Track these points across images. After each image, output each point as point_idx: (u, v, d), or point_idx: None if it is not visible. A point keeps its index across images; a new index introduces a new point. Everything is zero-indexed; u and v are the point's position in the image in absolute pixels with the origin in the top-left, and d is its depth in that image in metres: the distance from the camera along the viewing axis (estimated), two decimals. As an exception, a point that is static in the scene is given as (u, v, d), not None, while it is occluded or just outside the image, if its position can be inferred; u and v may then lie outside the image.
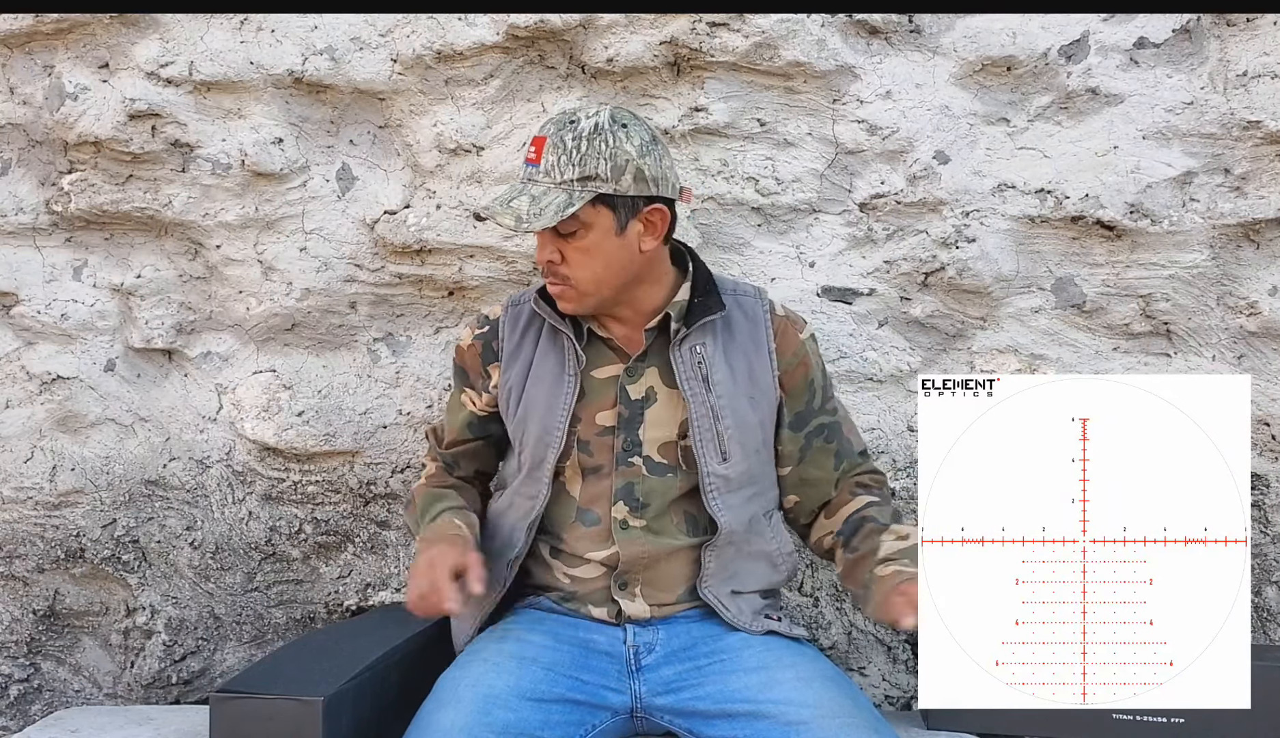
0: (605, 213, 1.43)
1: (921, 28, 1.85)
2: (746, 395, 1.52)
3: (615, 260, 1.46)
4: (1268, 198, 1.81)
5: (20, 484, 2.01)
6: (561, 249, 1.45)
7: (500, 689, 1.39)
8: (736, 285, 1.61)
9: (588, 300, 1.48)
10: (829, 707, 1.37)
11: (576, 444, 1.53)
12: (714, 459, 1.50)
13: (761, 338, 1.55)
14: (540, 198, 1.41)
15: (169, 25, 1.90)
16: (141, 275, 1.99)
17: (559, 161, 1.41)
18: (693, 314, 1.51)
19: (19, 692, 2.06)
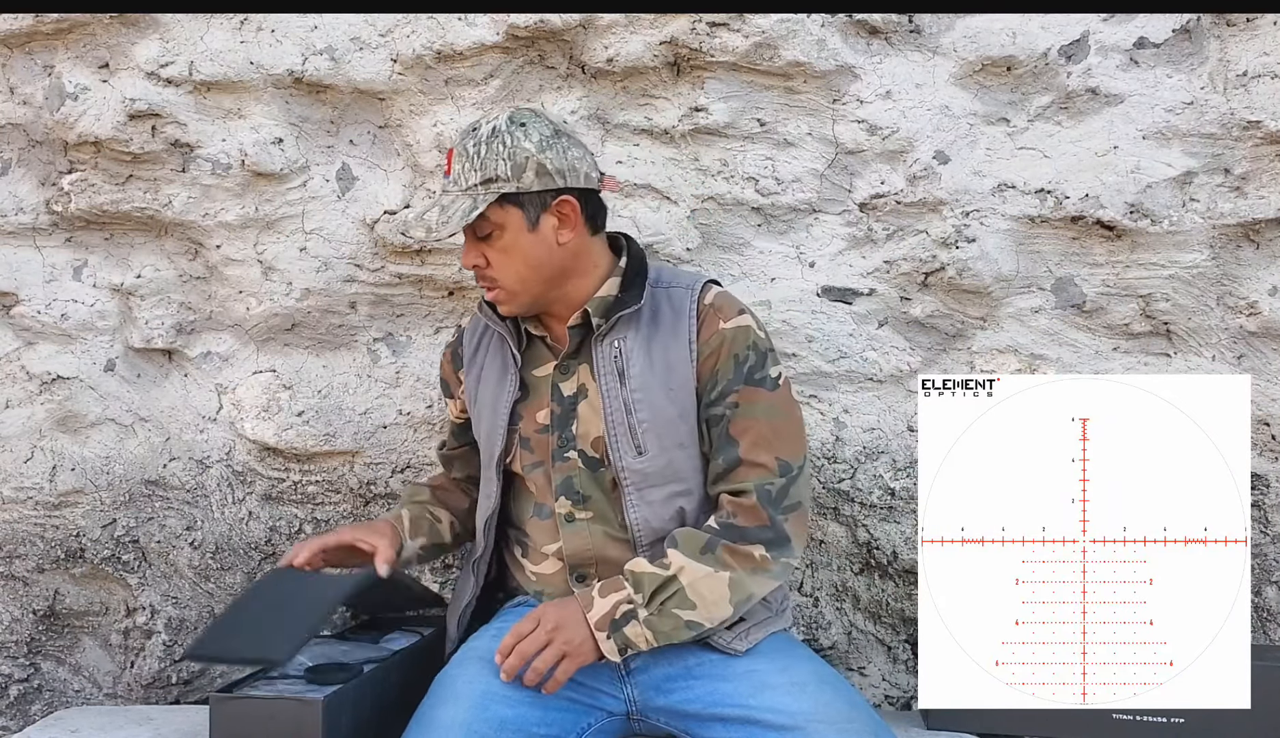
0: (514, 211, 1.46)
1: (921, 28, 1.85)
2: (664, 388, 1.49)
3: (534, 257, 1.48)
4: (1268, 198, 1.81)
5: (20, 484, 2.01)
6: (484, 253, 1.48)
7: (498, 686, 1.40)
8: (676, 277, 1.57)
9: (519, 299, 1.50)
10: (823, 713, 1.36)
11: (519, 441, 1.56)
12: (629, 454, 1.49)
13: (683, 329, 1.51)
14: (448, 206, 1.45)
15: (169, 25, 1.90)
16: (141, 275, 1.99)
17: (464, 169, 1.46)
18: (614, 308, 1.51)
19: (19, 692, 2.06)
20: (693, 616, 1.40)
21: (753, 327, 1.51)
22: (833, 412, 1.94)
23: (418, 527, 1.66)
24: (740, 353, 1.49)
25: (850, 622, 1.99)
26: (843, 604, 1.99)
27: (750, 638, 1.49)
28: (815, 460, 1.93)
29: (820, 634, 1.96)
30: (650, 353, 1.50)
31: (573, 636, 1.39)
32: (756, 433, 1.47)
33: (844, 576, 1.97)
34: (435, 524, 1.69)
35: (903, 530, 1.92)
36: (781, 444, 1.47)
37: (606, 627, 1.39)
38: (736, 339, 1.49)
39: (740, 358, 1.49)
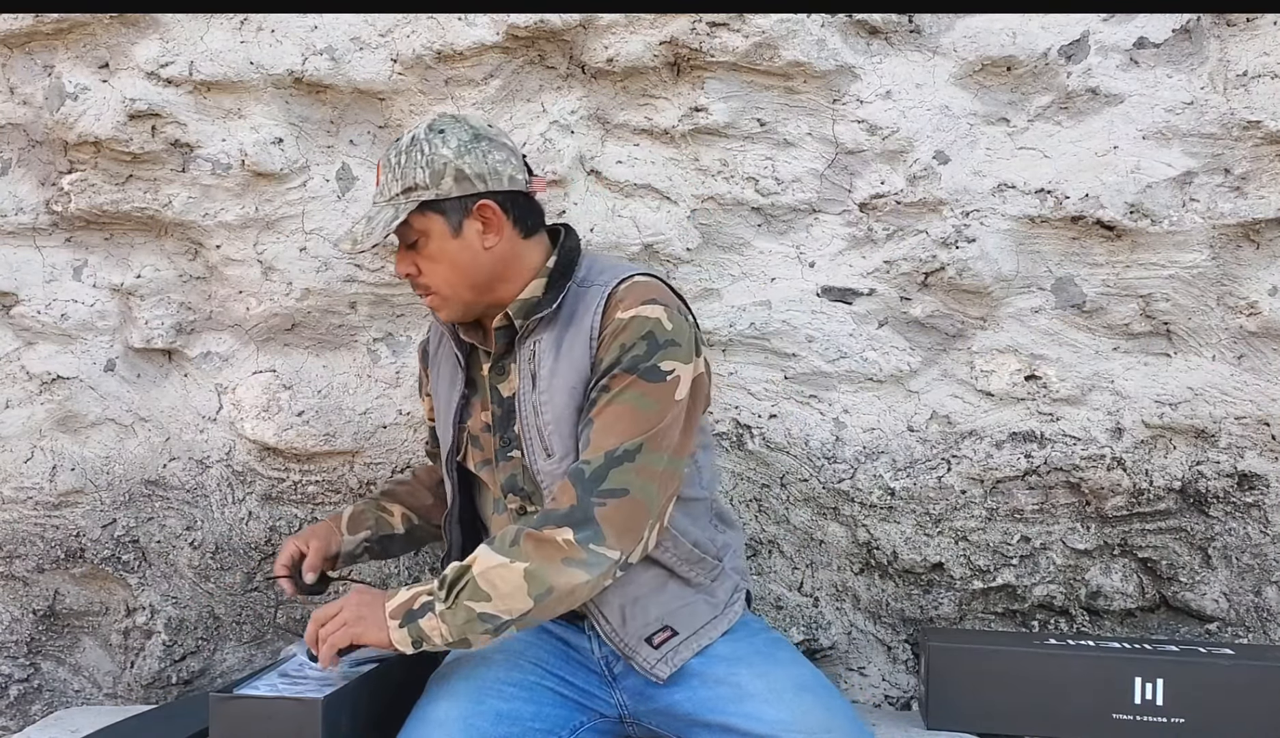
0: (435, 219, 1.45)
1: (921, 28, 1.85)
2: (569, 388, 1.45)
3: (460, 262, 1.47)
4: (1268, 198, 1.81)
5: (20, 484, 2.01)
6: (415, 261, 1.49)
7: (491, 679, 1.41)
8: (602, 273, 1.49)
9: (452, 304, 1.50)
10: (801, 722, 1.35)
11: (469, 440, 1.58)
12: (540, 456, 1.47)
13: (588, 324, 1.44)
14: (374, 217, 1.46)
15: (169, 25, 1.90)
16: (141, 275, 1.99)
17: (387, 180, 1.47)
18: (530, 310, 1.49)
19: (19, 692, 2.06)
20: (486, 608, 1.30)
21: (657, 317, 1.41)
22: (833, 412, 1.94)
23: (358, 522, 1.69)
24: (628, 340, 1.40)
25: (850, 622, 1.99)
26: (843, 604, 1.99)
27: (678, 658, 1.44)
28: (815, 461, 1.93)
29: (820, 634, 1.96)
30: (559, 352, 1.47)
31: (365, 615, 1.35)
32: (610, 414, 1.38)
33: (844, 575, 1.97)
34: (382, 516, 1.72)
35: (903, 531, 1.93)
36: (633, 428, 1.36)
37: (400, 616, 1.32)
38: (630, 327, 1.40)
39: (626, 344, 1.40)
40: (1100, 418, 1.89)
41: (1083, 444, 1.89)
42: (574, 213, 1.91)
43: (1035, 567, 1.92)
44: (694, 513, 1.54)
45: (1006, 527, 1.92)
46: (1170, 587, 1.91)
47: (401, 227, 1.45)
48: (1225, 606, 1.90)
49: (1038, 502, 1.91)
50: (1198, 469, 1.88)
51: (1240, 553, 1.89)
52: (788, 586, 1.97)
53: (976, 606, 1.96)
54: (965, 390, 1.93)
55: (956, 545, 1.93)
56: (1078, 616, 1.94)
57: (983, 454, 1.91)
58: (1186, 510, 1.90)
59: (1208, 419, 1.87)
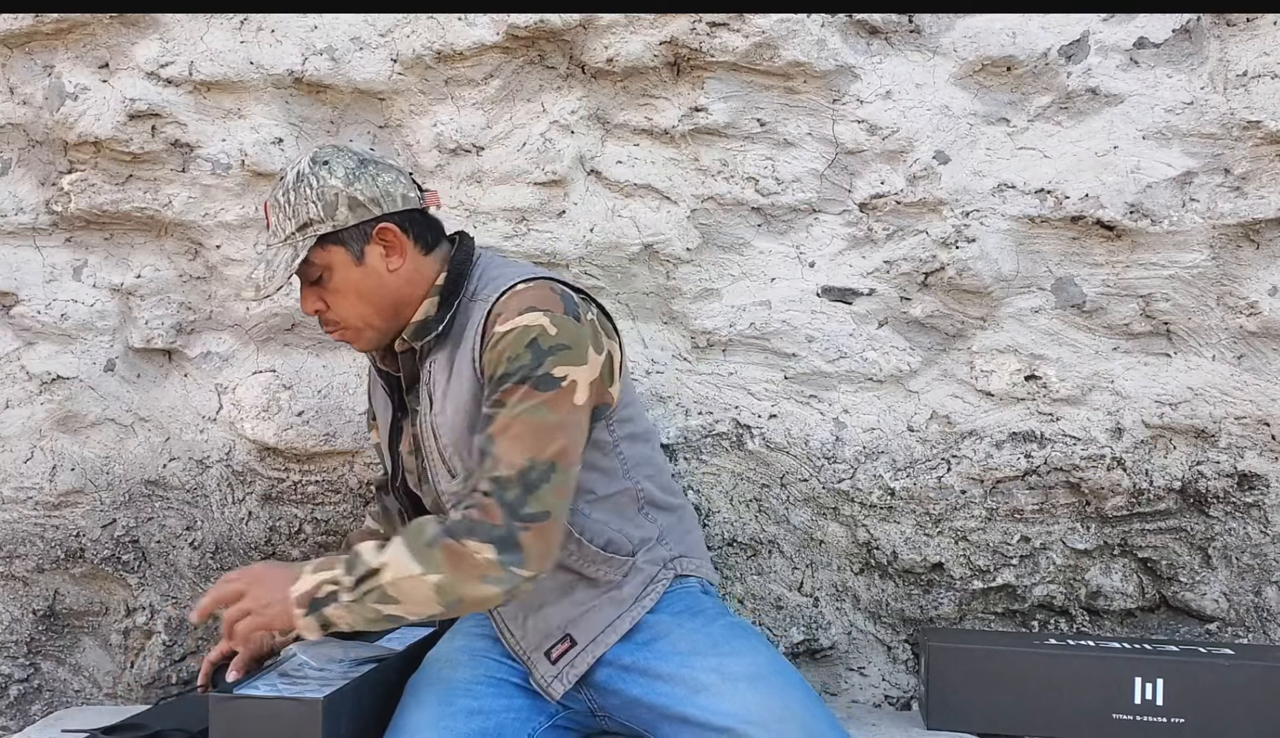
0: (336, 250, 1.43)
1: (921, 28, 1.85)
2: (463, 408, 1.43)
3: (367, 289, 1.45)
4: (1268, 198, 1.81)
5: (20, 484, 2.01)
6: (321, 296, 1.46)
7: (458, 680, 1.43)
8: (489, 284, 1.46)
9: (365, 336, 1.48)
10: (755, 713, 1.33)
11: (401, 467, 1.58)
12: (444, 478, 1.47)
13: (471, 341, 1.42)
14: (272, 261, 1.43)
15: (169, 25, 1.89)
16: (141, 275, 1.99)
17: (279, 220, 1.44)
18: (419, 333, 1.46)
19: (19, 692, 2.06)
20: (392, 610, 1.31)
21: (540, 324, 1.37)
22: (833, 412, 1.94)
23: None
24: (512, 352, 1.37)
25: (850, 622, 1.99)
26: (843, 604, 1.98)
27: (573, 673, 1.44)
28: (815, 461, 1.93)
29: (820, 634, 1.96)
30: (451, 372, 1.45)
31: (266, 598, 1.33)
32: (513, 431, 1.34)
33: (844, 576, 1.97)
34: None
35: (902, 531, 1.93)
36: (536, 444, 1.33)
37: (306, 604, 1.32)
38: (510, 340, 1.37)
39: (511, 357, 1.37)
40: (1100, 418, 1.89)
41: (1083, 444, 1.89)
42: (574, 213, 1.91)
43: (1035, 567, 1.92)
44: (613, 507, 1.50)
45: (1006, 527, 1.92)
46: (1170, 587, 1.91)
47: (303, 265, 1.42)
48: (1225, 606, 1.90)
49: (1038, 502, 1.91)
50: (1198, 469, 1.88)
51: (1240, 553, 1.89)
52: (788, 586, 1.97)
53: (976, 606, 1.96)
54: (965, 390, 1.93)
55: (956, 545, 1.93)
56: (1078, 616, 1.94)
57: (983, 454, 1.91)
58: (1186, 511, 1.90)
59: (1208, 419, 1.87)
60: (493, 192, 1.90)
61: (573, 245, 1.90)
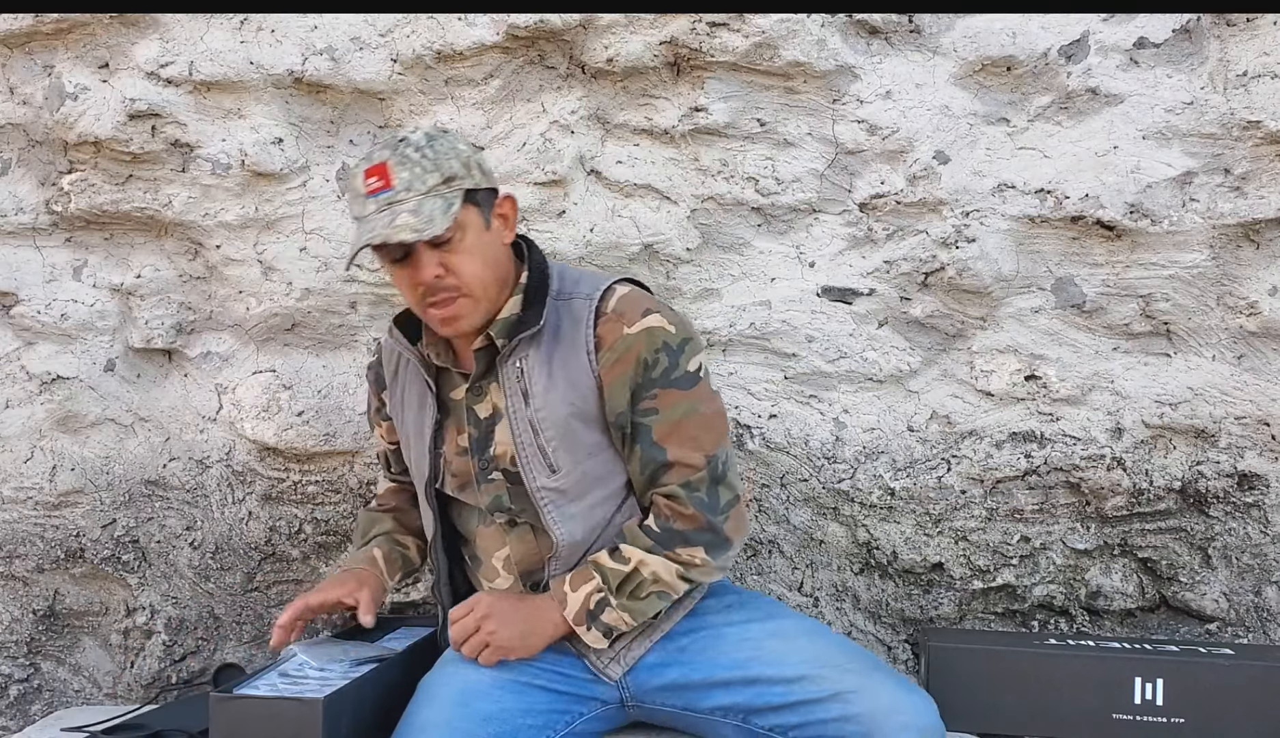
0: (473, 210, 1.41)
1: (921, 28, 1.85)
2: (567, 403, 1.45)
3: (490, 257, 1.44)
4: (1268, 198, 1.81)
5: (20, 484, 2.01)
6: (443, 261, 1.39)
7: (476, 681, 1.42)
8: (578, 285, 1.49)
9: (480, 307, 1.43)
10: (824, 657, 1.41)
11: (445, 465, 1.55)
12: (541, 474, 1.47)
13: (581, 339, 1.45)
14: (418, 210, 1.35)
15: (169, 25, 1.89)
16: (141, 275, 1.99)
17: (415, 175, 1.37)
18: (514, 329, 1.46)
19: (19, 692, 2.06)
20: (656, 589, 1.43)
21: (661, 325, 1.44)
22: (833, 412, 1.94)
23: (392, 565, 1.66)
24: (648, 357, 1.43)
25: (850, 622, 1.99)
26: (843, 604, 1.98)
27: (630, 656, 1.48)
28: (815, 461, 1.93)
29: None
30: (551, 369, 1.46)
31: (502, 632, 1.41)
32: (681, 434, 1.44)
33: (844, 576, 1.97)
34: (405, 553, 1.70)
35: (902, 531, 1.93)
36: (706, 439, 1.45)
37: (585, 620, 1.42)
38: (643, 343, 1.43)
39: (649, 362, 1.43)
40: (1100, 418, 1.89)
41: (1083, 444, 1.89)
42: (574, 213, 1.91)
43: (1035, 567, 1.92)
44: None
45: (1006, 527, 1.92)
46: (1170, 587, 1.91)
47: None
48: (1225, 606, 1.90)
49: (1038, 502, 1.91)
50: (1198, 469, 1.88)
51: (1240, 553, 1.89)
52: (788, 586, 1.97)
53: (976, 606, 1.96)
54: (965, 390, 1.93)
55: (956, 546, 1.93)
56: (1078, 616, 1.94)
57: (983, 454, 1.91)
58: (1186, 510, 1.90)
59: (1208, 419, 1.87)
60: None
61: (573, 245, 1.90)
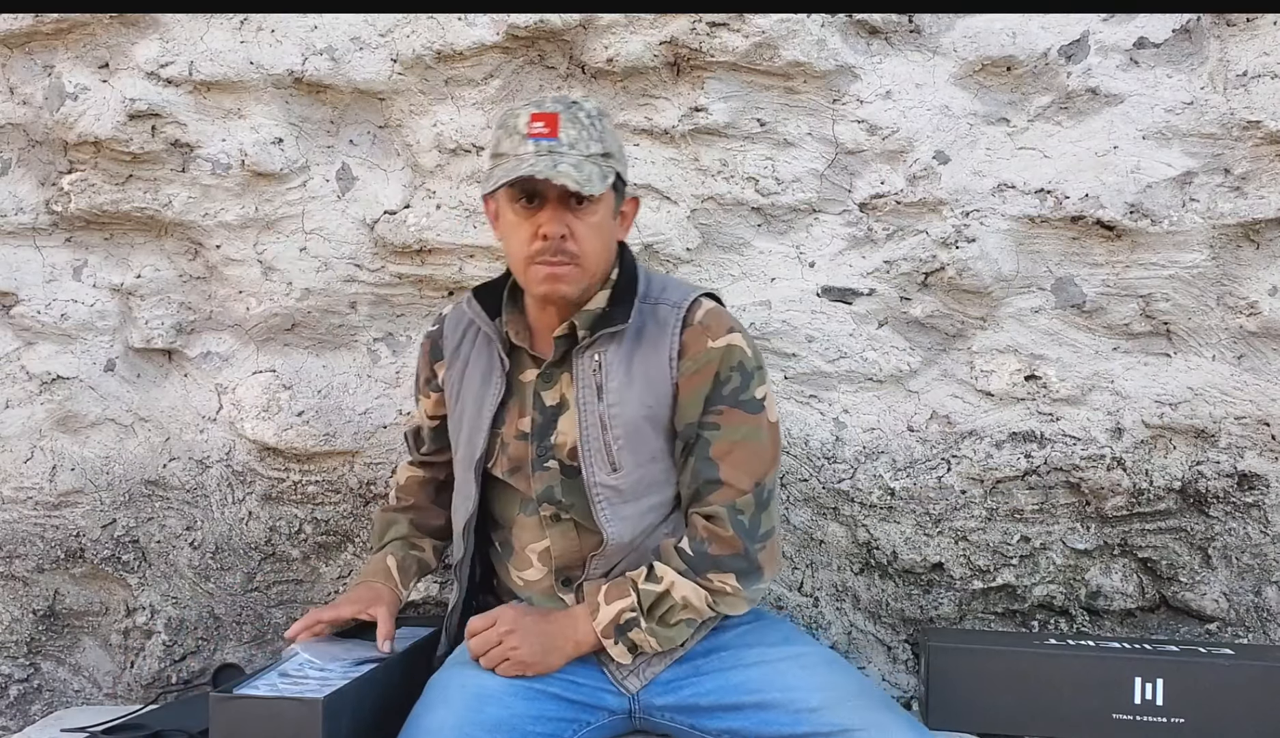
0: (610, 193, 1.44)
1: (921, 28, 1.85)
2: (641, 403, 1.46)
3: (609, 241, 1.48)
4: (1268, 198, 1.81)
5: (20, 484, 2.01)
6: (571, 224, 1.40)
7: (492, 687, 1.40)
8: (665, 292, 1.52)
9: (586, 279, 1.45)
10: (838, 691, 1.40)
11: (500, 446, 1.54)
12: (602, 470, 1.47)
13: (665, 345, 1.47)
14: (579, 167, 1.37)
15: (169, 25, 1.89)
16: (141, 275, 1.99)
17: (582, 136, 1.39)
18: (599, 323, 1.47)
19: (19, 692, 2.06)
20: (685, 615, 1.44)
21: (741, 345, 1.47)
22: (833, 412, 1.94)
23: (407, 573, 1.65)
24: (724, 373, 1.46)
25: (850, 622, 1.99)
26: (843, 604, 1.99)
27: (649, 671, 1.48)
28: (815, 461, 1.93)
29: (820, 634, 1.96)
30: (630, 368, 1.47)
31: (524, 648, 1.42)
32: (737, 456, 1.46)
33: (844, 576, 1.97)
34: (420, 557, 1.69)
35: (902, 531, 1.93)
36: (759, 466, 1.47)
37: (613, 634, 1.42)
38: (722, 358, 1.46)
39: (723, 377, 1.46)
40: (1100, 418, 1.89)
41: (1083, 444, 1.89)
42: (574, 213, 1.91)
43: (1035, 567, 1.92)
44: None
45: (1006, 527, 1.92)
46: (1170, 587, 1.91)
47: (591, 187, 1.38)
48: (1225, 606, 1.90)
49: (1038, 502, 1.91)
50: (1198, 469, 1.88)
51: (1240, 553, 1.89)
52: (788, 586, 1.97)
53: (976, 606, 1.96)
54: (965, 390, 1.93)
55: (956, 546, 1.93)
56: (1078, 616, 1.94)
57: (983, 454, 1.91)
58: (1186, 510, 1.90)
59: (1208, 419, 1.87)
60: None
61: (573, 245, 1.90)
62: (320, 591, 2.04)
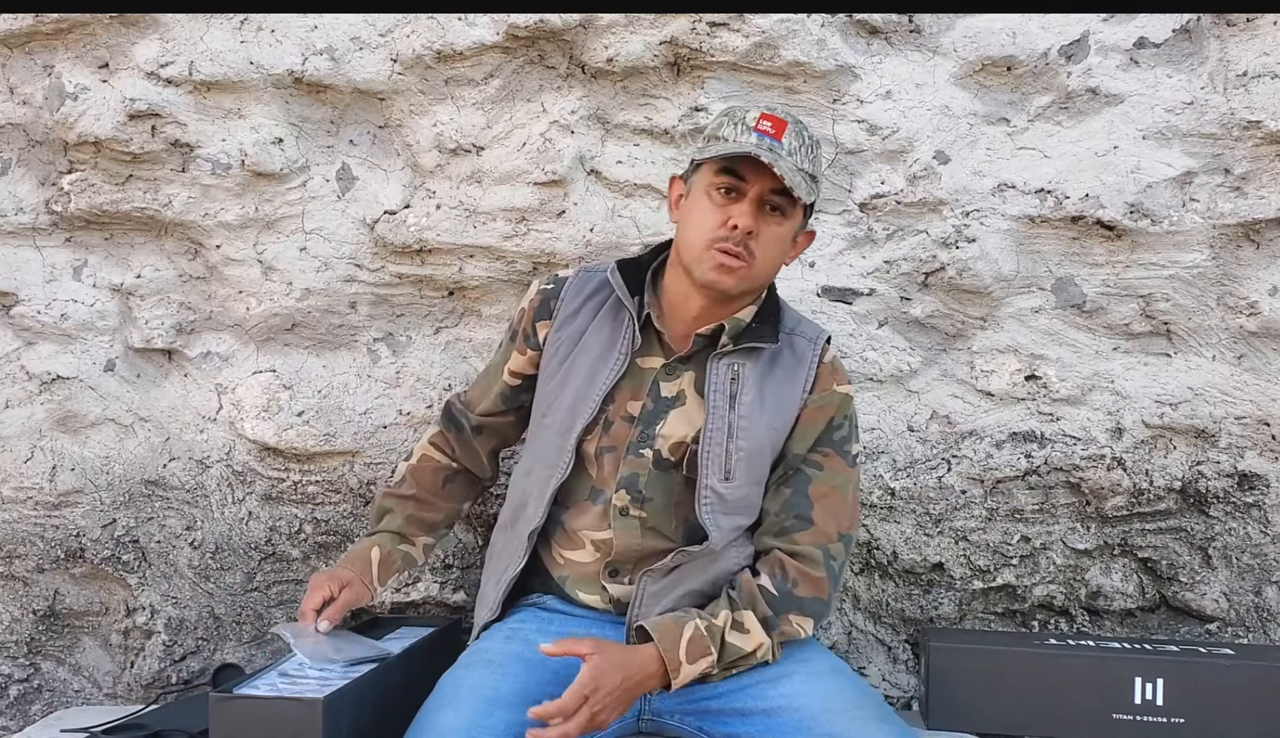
0: (799, 216, 1.50)
1: (921, 28, 1.85)
2: (770, 427, 1.51)
3: (779, 259, 1.52)
4: (1268, 198, 1.81)
5: (20, 484, 2.01)
6: (759, 226, 1.45)
7: (504, 692, 1.39)
8: (800, 324, 1.60)
9: (749, 280, 1.48)
10: (839, 701, 1.40)
11: (603, 422, 1.54)
12: (715, 474, 1.49)
13: (801, 377, 1.54)
14: (792, 173, 1.43)
15: (169, 25, 1.89)
16: (141, 275, 1.99)
17: (800, 149, 1.46)
18: (745, 336, 1.52)
19: (19, 692, 2.06)
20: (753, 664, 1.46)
21: (852, 397, 1.58)
22: (833, 412, 1.94)
23: (387, 567, 1.62)
24: (837, 419, 1.54)
25: (850, 622, 1.99)
26: (843, 604, 1.98)
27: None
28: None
29: (820, 634, 1.96)
30: (763, 388, 1.52)
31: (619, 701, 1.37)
32: (833, 501, 1.51)
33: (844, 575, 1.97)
34: (408, 552, 1.66)
35: (903, 530, 1.93)
36: (846, 518, 1.52)
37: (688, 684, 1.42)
38: (840, 405, 1.55)
39: (835, 423, 1.54)
40: (1100, 418, 1.89)
41: (1083, 444, 1.89)
42: (574, 213, 1.91)
43: (1035, 567, 1.92)
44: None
45: (1006, 527, 1.92)
46: (1170, 587, 1.91)
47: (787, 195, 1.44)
48: (1225, 606, 1.90)
49: (1038, 502, 1.91)
50: (1198, 469, 1.88)
51: (1240, 553, 1.89)
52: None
53: (977, 606, 1.96)
54: (965, 390, 1.93)
55: (956, 546, 1.93)
56: (1078, 616, 1.94)
57: (983, 454, 1.91)
58: (1186, 510, 1.90)
59: (1208, 419, 1.87)
60: (493, 191, 1.90)
61: (573, 245, 1.90)
62: (320, 591, 2.04)
